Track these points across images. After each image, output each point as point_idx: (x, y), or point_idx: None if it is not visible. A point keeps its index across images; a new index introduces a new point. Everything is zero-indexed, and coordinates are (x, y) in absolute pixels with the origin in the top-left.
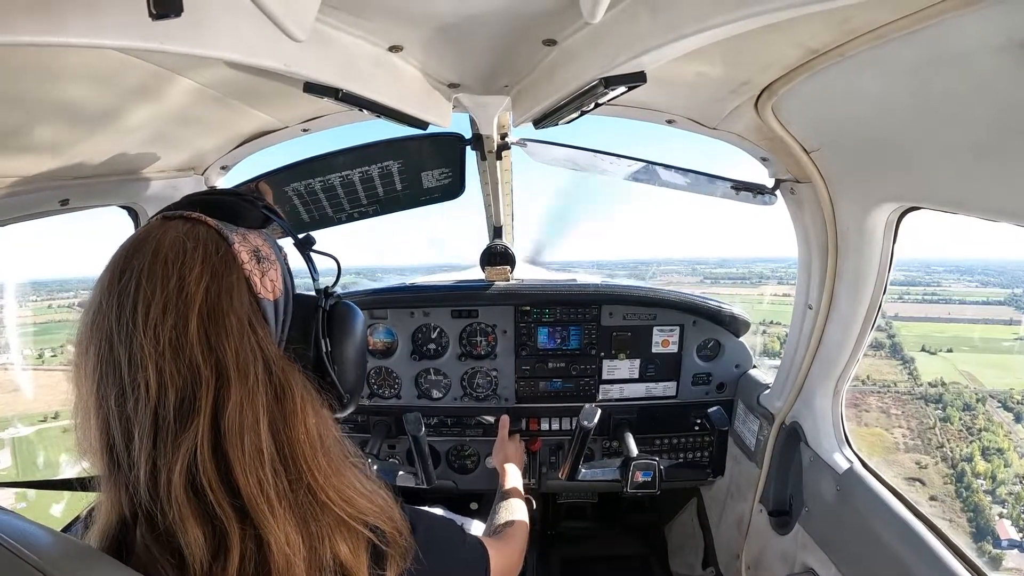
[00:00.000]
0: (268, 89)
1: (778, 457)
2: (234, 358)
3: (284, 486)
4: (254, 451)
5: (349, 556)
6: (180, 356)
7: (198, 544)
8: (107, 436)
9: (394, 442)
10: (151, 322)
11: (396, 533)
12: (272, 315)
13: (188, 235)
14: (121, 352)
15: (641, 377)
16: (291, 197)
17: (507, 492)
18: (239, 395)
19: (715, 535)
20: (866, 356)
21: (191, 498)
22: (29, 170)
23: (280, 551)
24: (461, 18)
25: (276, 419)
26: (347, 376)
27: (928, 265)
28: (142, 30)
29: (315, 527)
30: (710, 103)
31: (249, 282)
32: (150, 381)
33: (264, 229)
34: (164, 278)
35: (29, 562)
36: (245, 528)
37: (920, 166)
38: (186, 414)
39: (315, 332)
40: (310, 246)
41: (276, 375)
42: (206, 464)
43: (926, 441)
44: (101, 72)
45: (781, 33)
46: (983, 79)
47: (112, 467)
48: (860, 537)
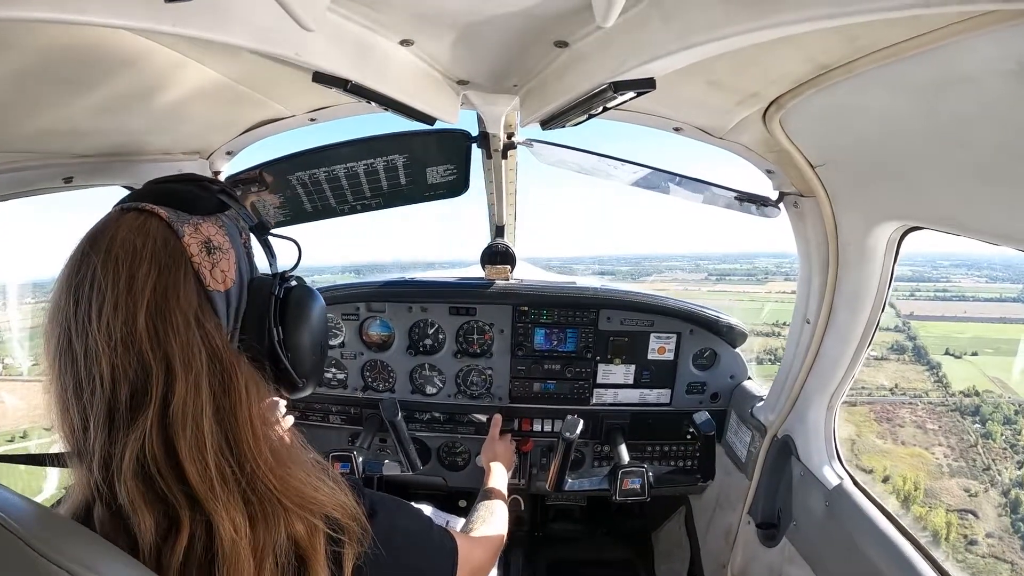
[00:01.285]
0: (277, 77)
1: (769, 470)
2: (180, 353)
3: (231, 472)
4: (199, 440)
5: (304, 537)
6: (130, 351)
7: (147, 526)
8: (69, 424)
9: (385, 435)
10: (104, 319)
11: (349, 520)
12: (223, 306)
13: (139, 231)
14: (78, 346)
15: (636, 383)
16: (295, 186)
17: (489, 491)
18: (184, 388)
19: (702, 544)
20: (891, 361)
21: (141, 484)
22: (34, 146)
23: (227, 534)
24: (474, 16)
25: (222, 409)
26: (301, 361)
27: (934, 260)
28: (156, 12)
29: (266, 511)
30: (718, 113)
31: (198, 275)
32: (104, 374)
33: (223, 214)
34: (115, 276)
35: (12, 531)
36: (195, 512)
37: (924, 186)
38: (137, 405)
39: (267, 319)
40: (266, 231)
41: (222, 367)
42: (155, 452)
43: (970, 462)
44: (111, 52)
45: (791, 47)
46: (991, 102)
47: (74, 450)
48: (847, 553)
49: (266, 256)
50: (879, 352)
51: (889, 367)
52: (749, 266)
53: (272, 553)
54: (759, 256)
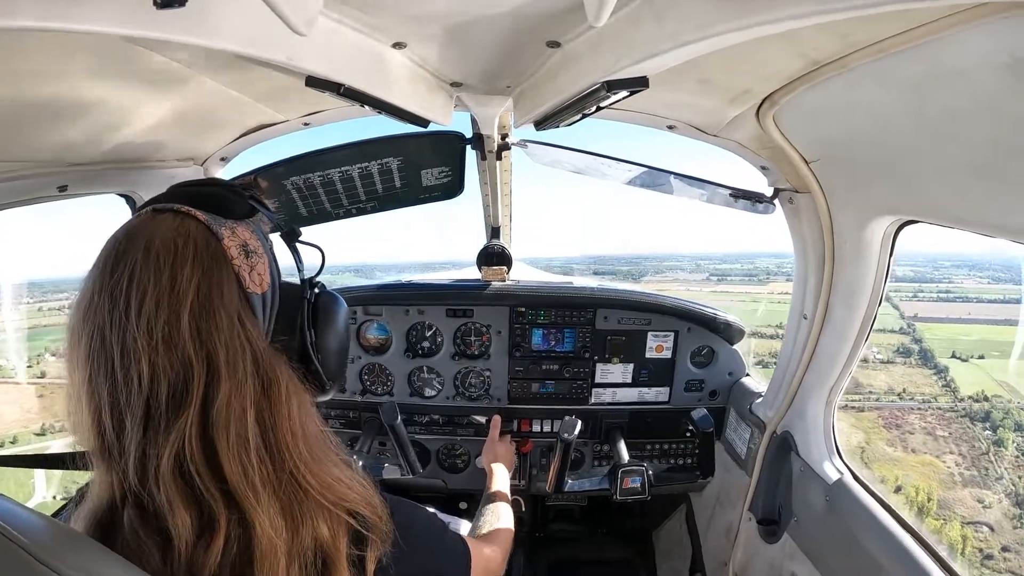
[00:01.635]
0: (270, 82)
1: (768, 466)
2: (224, 352)
3: (268, 472)
4: (240, 440)
5: (328, 539)
6: (172, 350)
7: (185, 525)
8: (98, 424)
9: (385, 439)
10: (144, 317)
11: (376, 519)
12: (260, 308)
13: (179, 231)
14: (114, 344)
15: (634, 382)
16: (290, 191)
17: (493, 495)
18: (228, 387)
19: (703, 542)
20: (897, 364)
21: (179, 483)
22: (28, 155)
23: (264, 533)
24: (465, 17)
25: (262, 409)
26: (330, 363)
27: (935, 260)
28: (146, 18)
29: (297, 511)
30: (711, 111)
31: (238, 277)
32: (143, 373)
33: (251, 219)
34: (156, 274)
35: (18, 544)
36: (231, 512)
37: (918, 180)
38: (177, 404)
39: (300, 322)
40: (296, 237)
41: (264, 368)
42: (194, 451)
43: (982, 471)
44: (103, 60)
45: (783, 43)
46: (983, 95)
47: (103, 452)
48: (848, 548)
49: (294, 261)
50: (885, 355)
51: (896, 370)
52: (750, 266)
53: (300, 553)
54: (759, 256)
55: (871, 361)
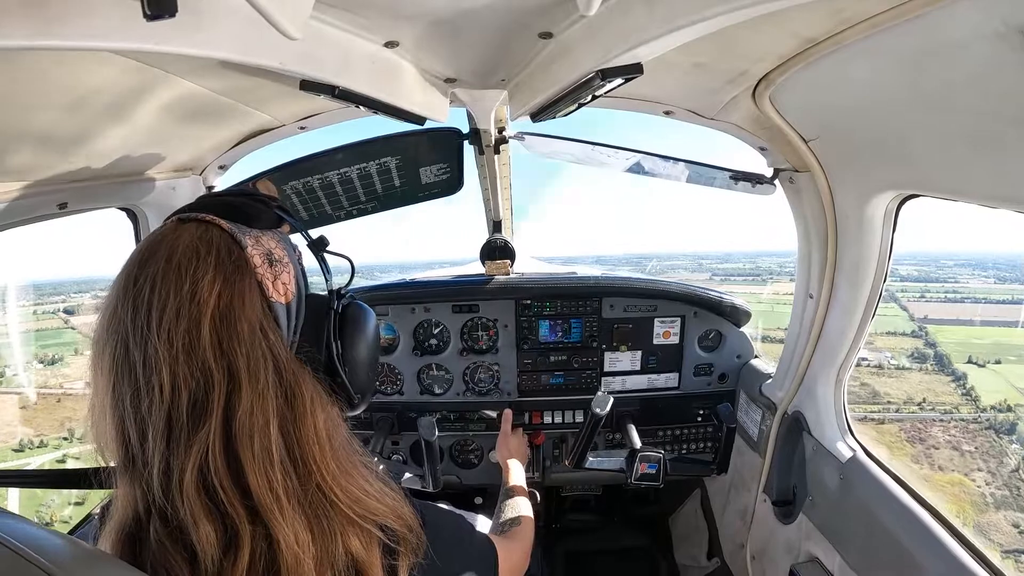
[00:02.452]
0: (264, 87)
1: (781, 447)
2: (245, 362)
3: (294, 486)
4: (264, 452)
5: (362, 552)
6: (193, 359)
7: (209, 541)
8: (122, 435)
9: (397, 439)
10: (165, 326)
11: (407, 530)
12: (284, 318)
13: (201, 239)
14: (136, 354)
15: (643, 369)
16: (290, 195)
17: (511, 489)
18: (250, 398)
19: (719, 525)
20: (913, 371)
21: (203, 496)
22: (26, 174)
23: (289, 549)
24: (456, 13)
25: (286, 421)
26: (358, 377)
27: (937, 260)
28: (137, 31)
29: (326, 525)
30: (707, 93)
31: (261, 286)
32: (164, 383)
33: (278, 230)
34: (178, 283)
35: (41, 567)
36: (256, 526)
37: (918, 154)
38: (198, 416)
39: (326, 334)
40: (324, 247)
41: (287, 378)
42: (217, 464)
43: (1014, 491)
44: (97, 74)
45: (776, 23)
46: (978, 67)
47: (127, 464)
48: (864, 525)
49: (322, 271)
50: (899, 361)
51: (912, 377)
52: (752, 265)
53: (331, 567)
54: (761, 255)
55: (886, 368)
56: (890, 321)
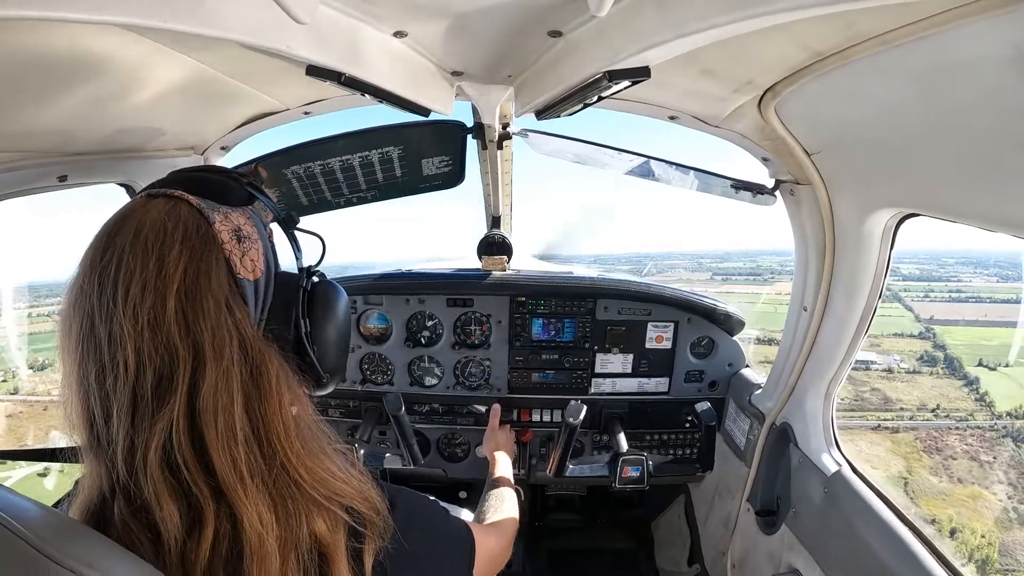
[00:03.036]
0: (270, 71)
1: (767, 457)
2: (210, 338)
3: (257, 465)
4: (228, 430)
5: (326, 534)
6: (158, 335)
7: (173, 520)
8: (88, 412)
9: (385, 428)
10: (130, 301)
11: (373, 513)
12: (252, 295)
13: (169, 215)
14: (101, 330)
15: (634, 372)
16: (290, 180)
17: (496, 481)
18: (214, 375)
19: (702, 532)
20: (924, 375)
21: (166, 475)
22: (28, 145)
23: (253, 528)
24: (467, 6)
25: (251, 399)
26: (327, 356)
27: (938, 257)
28: (147, 7)
29: (291, 506)
30: (713, 101)
31: (229, 262)
32: (128, 359)
33: (249, 207)
34: (144, 258)
35: (17, 534)
36: (220, 506)
37: (920, 173)
38: (163, 393)
39: (295, 312)
40: (293, 224)
41: (252, 356)
42: (181, 442)
43: None
44: (103, 49)
45: (786, 34)
46: (987, 89)
47: (93, 442)
48: (846, 539)
49: (292, 249)
50: (909, 364)
51: (923, 382)
52: (752, 264)
53: (295, 548)
54: (761, 254)
55: (895, 371)
56: (896, 322)
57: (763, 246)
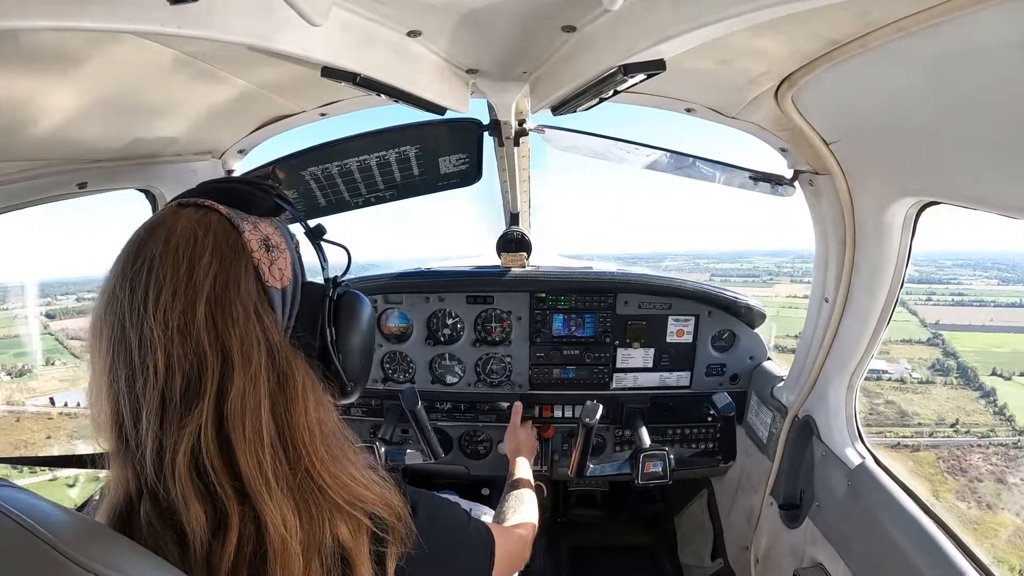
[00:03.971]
0: (286, 73)
1: (790, 450)
2: (239, 345)
3: (283, 469)
4: (255, 434)
5: (349, 539)
6: (187, 341)
7: (199, 522)
8: (117, 415)
9: (407, 426)
10: (161, 307)
11: (395, 519)
12: (279, 303)
13: (200, 223)
14: (132, 335)
15: (655, 366)
16: (308, 181)
17: (516, 481)
18: (242, 381)
19: (724, 527)
20: (938, 385)
21: (194, 477)
22: (48, 153)
23: (277, 532)
24: (480, 3)
25: (278, 404)
26: (351, 365)
27: (936, 260)
28: (160, 15)
29: (314, 511)
30: (729, 92)
31: (257, 270)
32: (158, 364)
33: (277, 217)
34: (175, 265)
35: (43, 539)
36: (244, 508)
37: (940, 161)
38: (192, 397)
39: (321, 321)
40: (321, 235)
41: (279, 362)
42: (209, 445)
43: None
44: (120, 56)
45: (801, 24)
46: (1004, 75)
47: (121, 445)
48: (870, 533)
49: (319, 260)
50: (921, 373)
51: (938, 393)
52: (749, 266)
53: (319, 552)
54: (754, 255)
55: (908, 382)
56: (903, 327)
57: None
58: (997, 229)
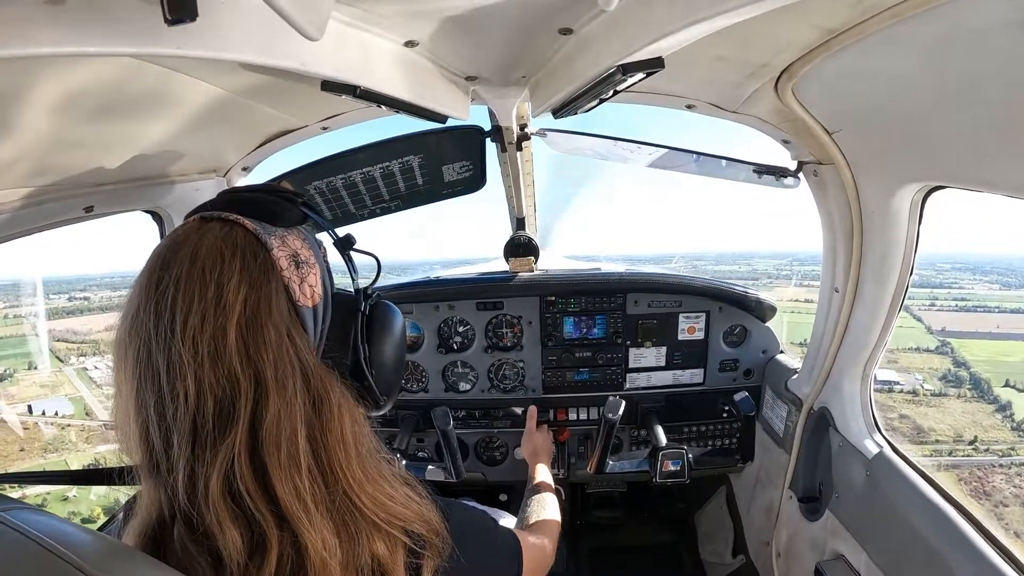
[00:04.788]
0: (286, 89)
1: (807, 443)
2: (272, 369)
3: (320, 492)
4: (291, 460)
5: (386, 555)
6: (219, 366)
7: (236, 546)
8: (146, 440)
9: (422, 436)
10: (189, 332)
11: (432, 535)
12: (311, 322)
13: (226, 241)
14: (160, 360)
15: (668, 365)
16: (313, 195)
17: (537, 486)
18: (277, 406)
19: (744, 523)
20: (951, 397)
21: (229, 503)
22: (53, 178)
23: (317, 554)
24: (476, 10)
25: (313, 428)
26: (384, 379)
27: (934, 263)
28: (158, 36)
29: (353, 529)
30: (729, 87)
31: (288, 290)
32: (189, 390)
33: (303, 227)
34: (202, 287)
35: (70, 562)
36: (283, 531)
37: (943, 145)
38: (225, 423)
39: (353, 337)
40: (351, 245)
41: (314, 385)
42: (243, 471)
43: None
44: (121, 79)
45: (798, 14)
46: (1002, 55)
47: (152, 468)
48: (891, 523)
49: (348, 271)
50: (933, 385)
51: (953, 407)
52: (748, 267)
53: (357, 571)
54: (755, 256)
55: (920, 394)
56: (909, 334)
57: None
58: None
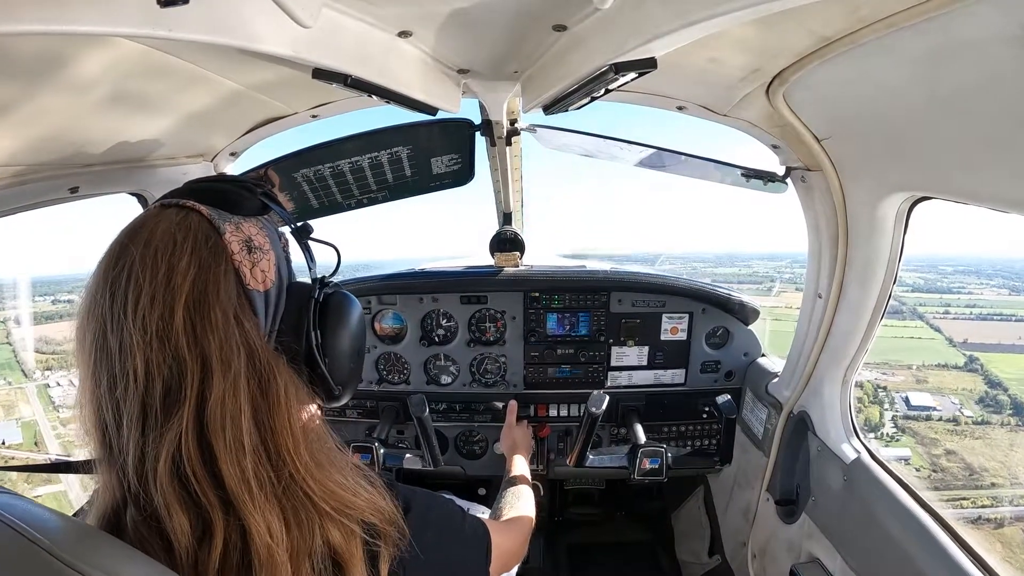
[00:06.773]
0: (277, 75)
1: (786, 446)
2: (218, 350)
3: (267, 475)
4: (236, 441)
5: (341, 543)
6: (166, 347)
7: (183, 530)
8: (100, 420)
9: (403, 427)
10: (140, 312)
11: (387, 524)
12: (262, 306)
13: (180, 225)
14: (112, 340)
15: (650, 364)
16: (300, 183)
17: (514, 478)
18: (222, 387)
19: (721, 523)
20: (995, 426)
21: (176, 485)
22: (39, 158)
23: (262, 540)
24: (471, 3)
25: (260, 411)
26: (339, 368)
27: (936, 265)
28: (150, 18)
29: (303, 516)
30: (721, 90)
31: (238, 273)
32: (138, 370)
33: (264, 216)
34: (154, 269)
35: (39, 544)
36: (229, 517)
37: (932, 156)
38: (172, 404)
39: (306, 324)
40: (307, 234)
41: (260, 367)
42: (190, 453)
43: None
44: (110, 60)
45: (792, 20)
46: (995, 69)
47: (105, 451)
48: (866, 527)
49: (306, 260)
50: (971, 410)
51: (1000, 437)
52: (747, 270)
53: (308, 558)
54: (754, 258)
55: (962, 423)
56: (930, 346)
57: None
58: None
